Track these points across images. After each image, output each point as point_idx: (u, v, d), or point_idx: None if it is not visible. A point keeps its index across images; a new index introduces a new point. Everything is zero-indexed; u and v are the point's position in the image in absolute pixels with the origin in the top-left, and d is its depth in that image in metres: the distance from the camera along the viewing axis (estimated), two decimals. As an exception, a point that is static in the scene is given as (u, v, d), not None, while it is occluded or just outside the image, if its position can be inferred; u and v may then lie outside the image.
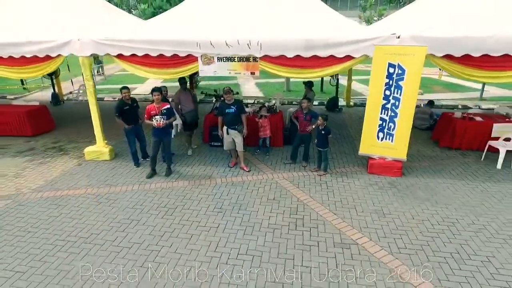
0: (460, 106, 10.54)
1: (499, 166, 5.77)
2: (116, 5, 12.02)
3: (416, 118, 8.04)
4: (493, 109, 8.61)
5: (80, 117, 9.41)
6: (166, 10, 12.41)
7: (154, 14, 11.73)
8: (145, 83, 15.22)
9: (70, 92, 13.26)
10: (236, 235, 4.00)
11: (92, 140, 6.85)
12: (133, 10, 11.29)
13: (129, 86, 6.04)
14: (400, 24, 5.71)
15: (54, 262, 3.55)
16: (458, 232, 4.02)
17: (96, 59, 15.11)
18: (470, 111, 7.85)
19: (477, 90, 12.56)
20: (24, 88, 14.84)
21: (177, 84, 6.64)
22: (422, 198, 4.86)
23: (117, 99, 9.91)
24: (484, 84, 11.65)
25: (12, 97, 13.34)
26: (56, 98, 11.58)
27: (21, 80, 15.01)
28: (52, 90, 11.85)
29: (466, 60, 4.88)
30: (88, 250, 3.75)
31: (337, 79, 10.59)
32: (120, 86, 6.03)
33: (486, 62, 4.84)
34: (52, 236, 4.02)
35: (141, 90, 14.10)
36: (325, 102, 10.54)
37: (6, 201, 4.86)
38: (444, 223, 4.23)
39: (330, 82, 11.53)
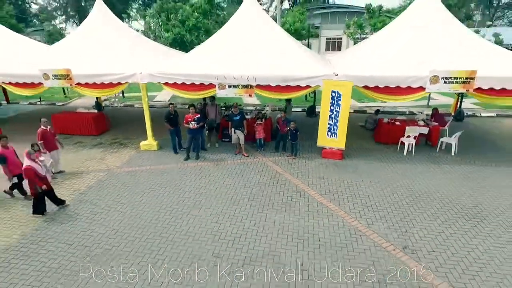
0: (407, 112, 13.88)
1: (404, 153, 9.13)
2: (144, 33, 15.31)
3: (367, 122, 11.43)
4: (421, 112, 11.96)
5: (122, 120, 12.81)
6: (183, 35, 15.76)
7: (174, 39, 15.06)
8: (162, 92, 18.59)
9: (105, 99, 16.63)
10: (240, 187, 7.33)
11: (139, 137, 10.25)
12: (158, 38, 14.51)
13: (149, 93, 9.38)
14: (340, 64, 9.08)
15: (143, 197, 6.89)
16: (366, 187, 7.35)
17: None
18: (399, 117, 11.16)
19: (425, 99, 15.86)
20: (65, 97, 18.25)
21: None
22: (350, 171, 8.19)
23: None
24: (430, 94, 14.94)
25: (60, 103, 16.76)
26: (99, 105, 14.93)
27: (63, 90, 18.45)
28: (95, 99, 15.21)
29: (376, 89, 8.21)
30: (160, 190, 7.09)
31: (314, 92, 13.93)
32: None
33: (388, 90, 8.17)
34: (137, 188, 7.36)
35: (159, 98, 17.49)
36: (306, 109, 13.89)
37: (104, 173, 8.22)
38: (357, 183, 7.55)
39: (308, 95, 14.88)
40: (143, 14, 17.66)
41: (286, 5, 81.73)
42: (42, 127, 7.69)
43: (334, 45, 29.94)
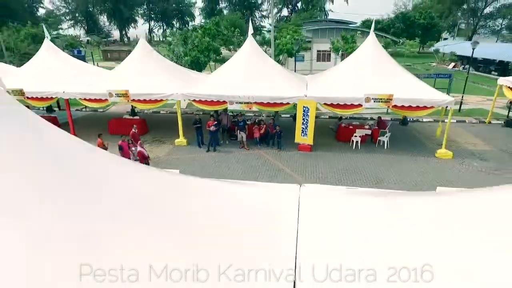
0: (369, 118, 18.34)
1: (353, 147, 13.60)
2: (167, 56, 19.83)
3: (333, 125, 15.90)
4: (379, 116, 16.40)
5: (155, 123, 17.32)
6: (199, 58, 20.23)
7: (192, 61, 19.58)
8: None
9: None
10: (242, 167, 11.81)
11: (172, 136, 14.74)
12: (179, 60, 18.92)
13: (168, 102, 13.90)
14: (311, 86, 13.57)
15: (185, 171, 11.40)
16: (321, 166, 11.81)
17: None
18: (354, 122, 15.60)
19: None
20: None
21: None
22: (315, 158, 12.65)
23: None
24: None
25: (101, 110, 21.27)
26: (133, 111, 19.40)
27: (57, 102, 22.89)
28: (131, 107, 19.67)
29: (331, 105, 12.68)
30: (195, 168, 11.57)
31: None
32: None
33: (338, 106, 12.63)
34: (180, 167, 11.86)
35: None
36: (293, 116, 18.35)
37: (156, 159, 12.70)
38: (317, 164, 12.02)
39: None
40: (168, 42, 22.13)
41: (285, 12, 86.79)
42: (133, 130, 12.14)
43: (324, 56, 34.38)
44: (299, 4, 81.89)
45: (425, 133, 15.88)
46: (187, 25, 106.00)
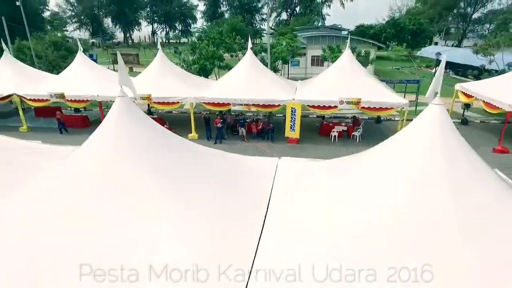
0: (349, 116, 21.60)
1: (332, 141, 16.90)
2: (178, 64, 23.16)
3: (318, 123, 19.21)
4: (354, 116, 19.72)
5: (169, 121, 20.65)
6: (206, 65, 23.56)
7: (200, 69, 22.93)
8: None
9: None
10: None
11: (185, 131, 18.05)
12: (189, 68, 22.14)
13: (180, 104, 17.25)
14: (299, 90, 16.89)
15: (199, 159, 14.75)
16: (304, 156, 15.13)
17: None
18: (334, 120, 18.86)
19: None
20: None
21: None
22: (300, 149, 15.96)
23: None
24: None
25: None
26: (150, 111, 22.69)
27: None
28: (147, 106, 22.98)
29: (313, 106, 15.98)
30: (206, 158, 14.91)
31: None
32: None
33: (319, 107, 15.94)
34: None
35: (187, 106, 25.28)
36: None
37: (174, 149, 16.01)
38: (300, 152, 15.31)
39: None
40: (178, 52, 25.50)
41: (284, 16, 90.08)
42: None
43: (318, 61, 37.67)
44: (297, 8, 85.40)
45: (393, 129, 19.12)
46: (189, 27, 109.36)
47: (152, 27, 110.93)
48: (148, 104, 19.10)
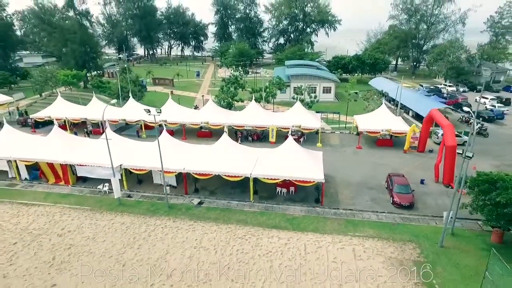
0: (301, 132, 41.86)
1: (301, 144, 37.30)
2: (217, 103, 43.76)
3: (292, 132, 39.74)
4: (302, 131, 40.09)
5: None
6: (230, 102, 44.15)
7: (227, 104, 43.66)
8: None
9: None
10: (250, 145, 35.49)
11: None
12: (221, 103, 42.53)
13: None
14: (277, 118, 37.31)
15: (232, 150, 35.23)
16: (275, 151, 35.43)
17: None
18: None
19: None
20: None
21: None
22: (276, 146, 36.23)
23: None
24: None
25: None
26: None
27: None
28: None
29: (281, 128, 36.25)
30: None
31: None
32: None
33: (285, 128, 36.19)
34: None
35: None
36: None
37: (219, 146, 36.39)
38: (274, 146, 35.62)
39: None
40: (216, 95, 46.39)
41: (281, 40, 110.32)
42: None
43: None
44: (292, 35, 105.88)
45: (324, 138, 39.38)
46: (201, 43, 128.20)
47: (169, 43, 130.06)
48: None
